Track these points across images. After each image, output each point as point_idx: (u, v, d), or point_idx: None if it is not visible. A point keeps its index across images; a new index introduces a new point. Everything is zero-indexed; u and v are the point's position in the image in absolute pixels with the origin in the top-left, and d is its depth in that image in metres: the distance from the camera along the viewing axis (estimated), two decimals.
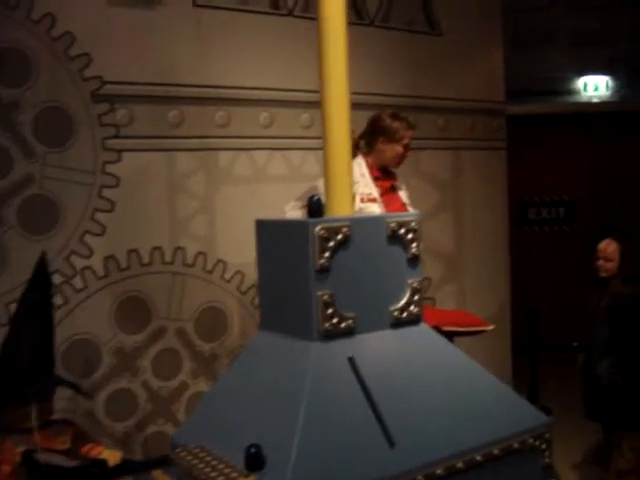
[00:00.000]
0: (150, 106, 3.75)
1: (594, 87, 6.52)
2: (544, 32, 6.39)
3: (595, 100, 6.56)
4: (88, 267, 3.63)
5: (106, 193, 3.66)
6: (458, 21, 4.93)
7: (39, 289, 2.70)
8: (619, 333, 3.46)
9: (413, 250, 2.64)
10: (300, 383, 2.36)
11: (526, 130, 6.61)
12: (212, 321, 3.98)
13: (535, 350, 5.05)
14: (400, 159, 3.61)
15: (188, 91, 3.85)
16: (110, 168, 3.67)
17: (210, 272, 3.96)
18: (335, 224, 2.49)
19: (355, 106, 4.38)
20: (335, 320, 2.44)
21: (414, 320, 2.61)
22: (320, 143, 4.06)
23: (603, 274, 3.60)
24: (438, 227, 4.90)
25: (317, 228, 2.46)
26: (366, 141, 3.66)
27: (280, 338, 2.65)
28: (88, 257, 3.63)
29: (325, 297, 2.42)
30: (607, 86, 6.52)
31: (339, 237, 2.48)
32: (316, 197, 2.69)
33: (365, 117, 3.64)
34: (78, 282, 3.61)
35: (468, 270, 5.08)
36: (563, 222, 6.83)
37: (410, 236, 2.63)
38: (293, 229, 2.65)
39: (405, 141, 3.56)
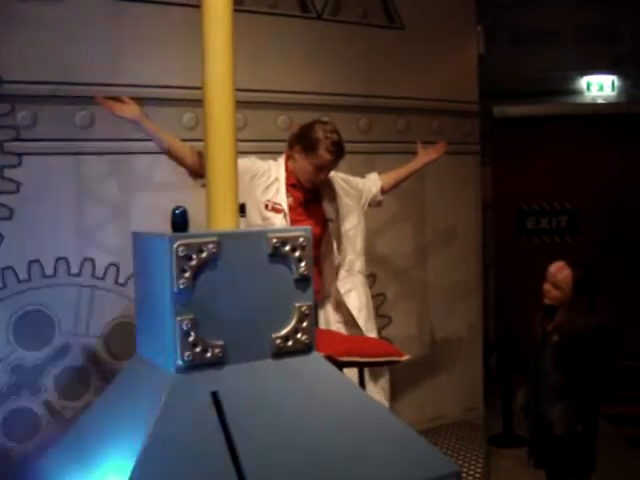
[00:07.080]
0: (55, 107, 3.50)
1: (598, 87, 5.97)
2: (544, 28, 5.89)
3: (600, 101, 6.02)
4: None
5: (4, 199, 3.43)
6: (423, 13, 4.54)
7: None
8: (574, 375, 2.99)
9: (301, 270, 2.35)
10: (147, 419, 2.11)
11: (524, 133, 6.14)
12: (125, 338, 3.70)
13: (506, 374, 4.57)
14: (308, 182, 3.25)
15: (99, 90, 3.56)
16: (9, 173, 3.43)
17: (123, 285, 3.69)
18: (198, 240, 2.23)
19: (300, 107, 4.13)
20: (198, 349, 2.21)
21: (302, 349, 2.32)
22: (254, 146, 3.81)
23: (547, 301, 3.13)
24: (394, 239, 4.50)
25: (176, 245, 2.21)
26: (289, 142, 3.33)
27: (146, 365, 2.42)
28: None
29: (185, 323, 2.19)
30: (613, 86, 5.97)
31: (203, 255, 2.23)
32: (180, 208, 2.42)
33: (310, 119, 3.40)
34: None
35: (431, 286, 4.66)
36: (565, 232, 6.29)
37: (297, 254, 2.35)
38: (155, 245, 2.40)
39: (320, 163, 3.18)
